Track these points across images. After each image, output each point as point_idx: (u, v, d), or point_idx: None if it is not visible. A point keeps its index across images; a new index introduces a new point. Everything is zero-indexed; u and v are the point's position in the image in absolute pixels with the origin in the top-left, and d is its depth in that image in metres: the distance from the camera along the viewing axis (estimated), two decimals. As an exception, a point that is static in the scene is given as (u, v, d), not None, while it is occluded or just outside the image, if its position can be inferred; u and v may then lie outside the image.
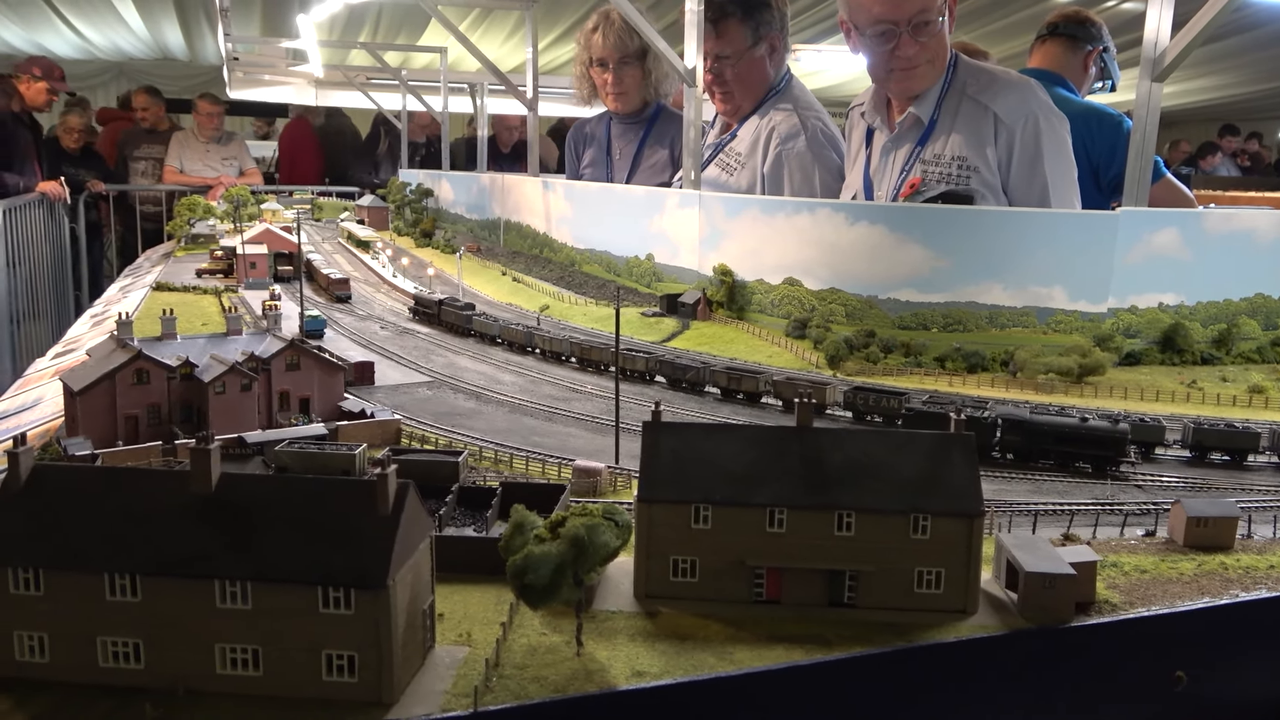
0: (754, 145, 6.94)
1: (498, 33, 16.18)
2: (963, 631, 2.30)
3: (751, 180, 6.91)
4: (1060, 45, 7.48)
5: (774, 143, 6.79)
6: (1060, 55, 7.48)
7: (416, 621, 2.05)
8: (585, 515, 2.15)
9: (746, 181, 6.94)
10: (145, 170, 15.64)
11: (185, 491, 2.02)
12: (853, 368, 4.67)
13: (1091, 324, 4.81)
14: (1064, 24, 7.48)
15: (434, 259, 8.98)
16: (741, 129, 7.16)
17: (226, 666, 1.95)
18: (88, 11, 16.57)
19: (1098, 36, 7.49)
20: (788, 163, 6.71)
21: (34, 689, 1.99)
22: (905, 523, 2.31)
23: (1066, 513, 3.05)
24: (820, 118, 6.97)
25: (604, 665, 2.11)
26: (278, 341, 3.76)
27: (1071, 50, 7.47)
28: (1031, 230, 4.83)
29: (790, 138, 6.75)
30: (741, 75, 7.06)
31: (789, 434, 2.44)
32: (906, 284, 4.84)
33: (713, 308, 5.67)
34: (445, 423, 3.93)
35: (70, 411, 3.50)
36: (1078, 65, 7.49)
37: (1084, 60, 7.49)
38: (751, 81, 7.11)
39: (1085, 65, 7.51)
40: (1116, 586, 2.54)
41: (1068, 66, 7.46)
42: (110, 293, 8.96)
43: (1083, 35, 7.44)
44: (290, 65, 15.60)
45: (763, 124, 6.95)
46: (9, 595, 1.99)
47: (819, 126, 6.85)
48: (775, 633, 2.26)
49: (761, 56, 7.06)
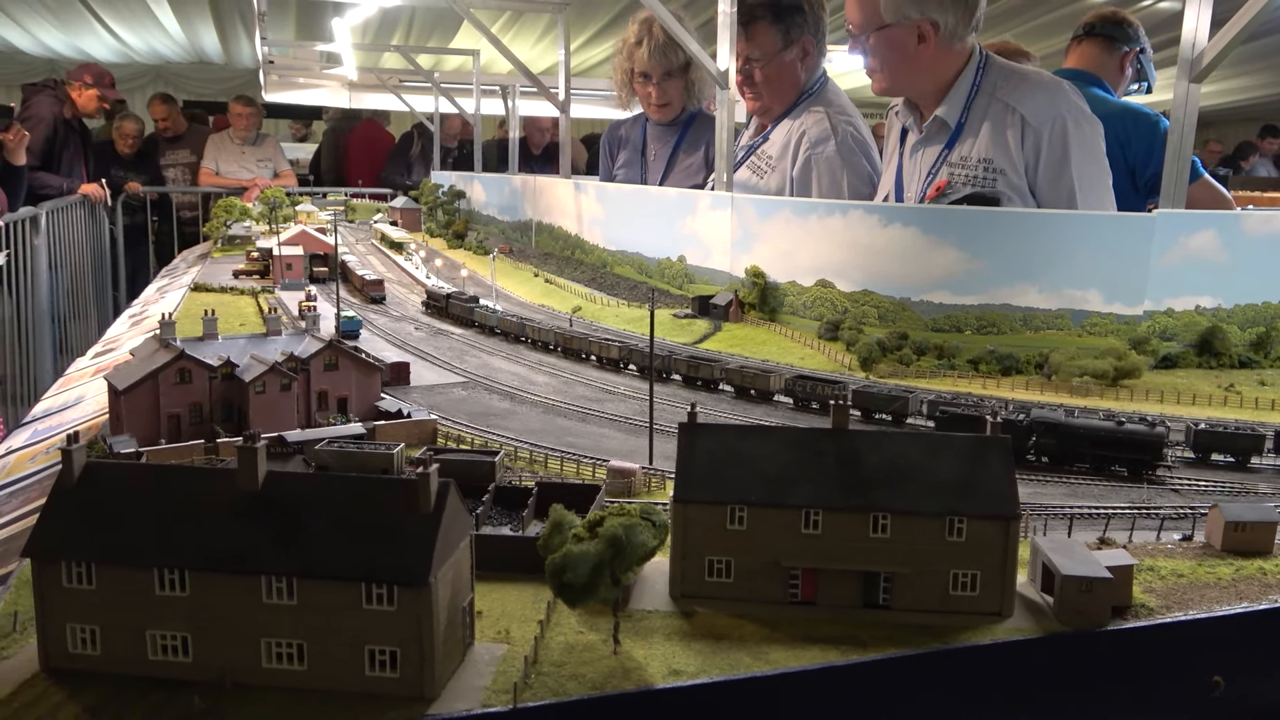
0: (784, 149, 6.95)
1: (529, 35, 16.26)
2: (998, 634, 2.30)
3: (781, 183, 6.91)
4: (1097, 46, 7.44)
5: (804, 147, 6.79)
6: (1096, 56, 7.44)
7: (457, 618, 2.08)
8: (623, 515, 2.17)
9: (776, 185, 6.94)
10: (175, 177, 15.87)
11: (232, 489, 2.07)
12: (885, 370, 4.67)
13: (1127, 327, 4.78)
14: (1101, 24, 7.44)
15: (466, 260, 9.05)
16: (773, 132, 7.16)
17: (272, 660, 1.99)
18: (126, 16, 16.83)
19: (1135, 38, 7.44)
20: (816, 167, 6.70)
21: (85, 681, 2.04)
22: (941, 525, 2.32)
23: (1102, 516, 3.04)
24: (852, 122, 6.94)
25: (641, 664, 2.13)
26: (316, 342, 3.82)
27: (1108, 51, 7.42)
28: (1067, 232, 4.81)
29: (820, 142, 6.74)
30: (770, 78, 7.05)
31: (825, 435, 2.46)
32: (940, 286, 4.83)
33: (745, 310, 5.69)
34: (480, 423, 3.97)
35: (114, 410, 3.57)
36: (1114, 66, 7.44)
37: (1120, 61, 7.45)
38: (781, 84, 7.10)
39: (1122, 66, 7.46)
40: (1153, 590, 2.53)
41: (1104, 67, 7.42)
42: (148, 293, 9.10)
43: (1120, 36, 7.39)
44: (324, 68, 15.75)
45: (794, 127, 6.95)
46: (62, 589, 2.04)
47: (850, 131, 6.82)
48: (810, 633, 2.27)
49: (792, 60, 7.06)
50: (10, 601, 2.45)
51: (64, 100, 12.20)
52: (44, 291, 10.75)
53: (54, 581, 2.04)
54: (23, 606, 2.36)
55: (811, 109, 6.97)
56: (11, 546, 3.01)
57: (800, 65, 7.10)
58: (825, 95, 7.12)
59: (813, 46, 7.13)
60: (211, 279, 7.77)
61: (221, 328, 3.95)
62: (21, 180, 9.62)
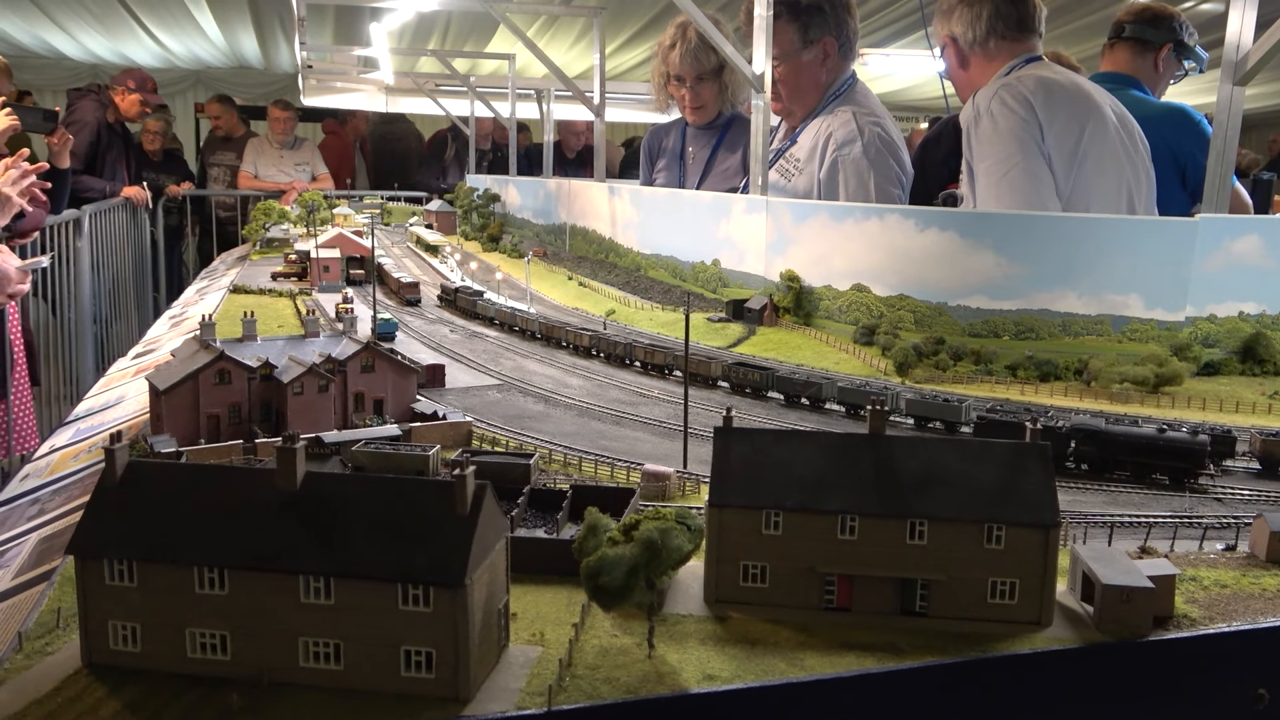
0: (812, 151, 6.90)
1: (564, 38, 16.32)
2: (1037, 643, 2.27)
3: (809, 186, 6.86)
4: (1128, 49, 7.32)
5: (830, 149, 6.73)
6: (1129, 59, 7.32)
7: (492, 620, 2.09)
8: (658, 519, 2.17)
9: (803, 187, 6.90)
10: (218, 177, 16.09)
11: (272, 488, 2.09)
12: (921, 375, 4.63)
13: (1168, 333, 4.71)
14: (1130, 25, 7.32)
15: (501, 263, 9.08)
16: (801, 134, 7.12)
17: (309, 660, 2.00)
18: (168, 22, 17.06)
19: (1166, 31, 7.29)
20: (843, 169, 6.64)
21: (126, 677, 2.07)
22: (979, 532, 2.30)
23: (1143, 525, 3.00)
24: (880, 124, 6.85)
25: (675, 668, 2.13)
26: (353, 344, 3.85)
27: (1140, 53, 7.31)
28: (1108, 237, 4.75)
29: (846, 144, 6.67)
30: (787, 78, 7.00)
31: (862, 441, 2.44)
32: (977, 291, 4.78)
33: (779, 313, 5.67)
34: (515, 425, 3.98)
35: (155, 410, 3.62)
36: (1148, 67, 7.33)
37: (1154, 60, 7.32)
38: (799, 85, 7.04)
39: (1156, 65, 7.34)
40: (1196, 601, 2.49)
41: (1139, 69, 7.30)
42: (187, 295, 9.22)
43: (1149, 36, 7.27)
44: (361, 73, 15.90)
45: (821, 130, 6.90)
46: (104, 586, 2.06)
47: (877, 133, 6.73)
48: (846, 640, 2.25)
49: (812, 61, 6.99)
50: (54, 598, 2.49)
51: (107, 105, 12.41)
52: (86, 293, 10.92)
53: (96, 578, 2.07)
54: (66, 603, 2.40)
55: (838, 111, 6.90)
56: (55, 544, 3.06)
57: (821, 67, 7.03)
58: (853, 97, 7.03)
59: (834, 48, 7.06)
60: (250, 281, 7.86)
61: (260, 329, 3.99)
62: (66, 183, 9.77)
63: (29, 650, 2.24)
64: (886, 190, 6.58)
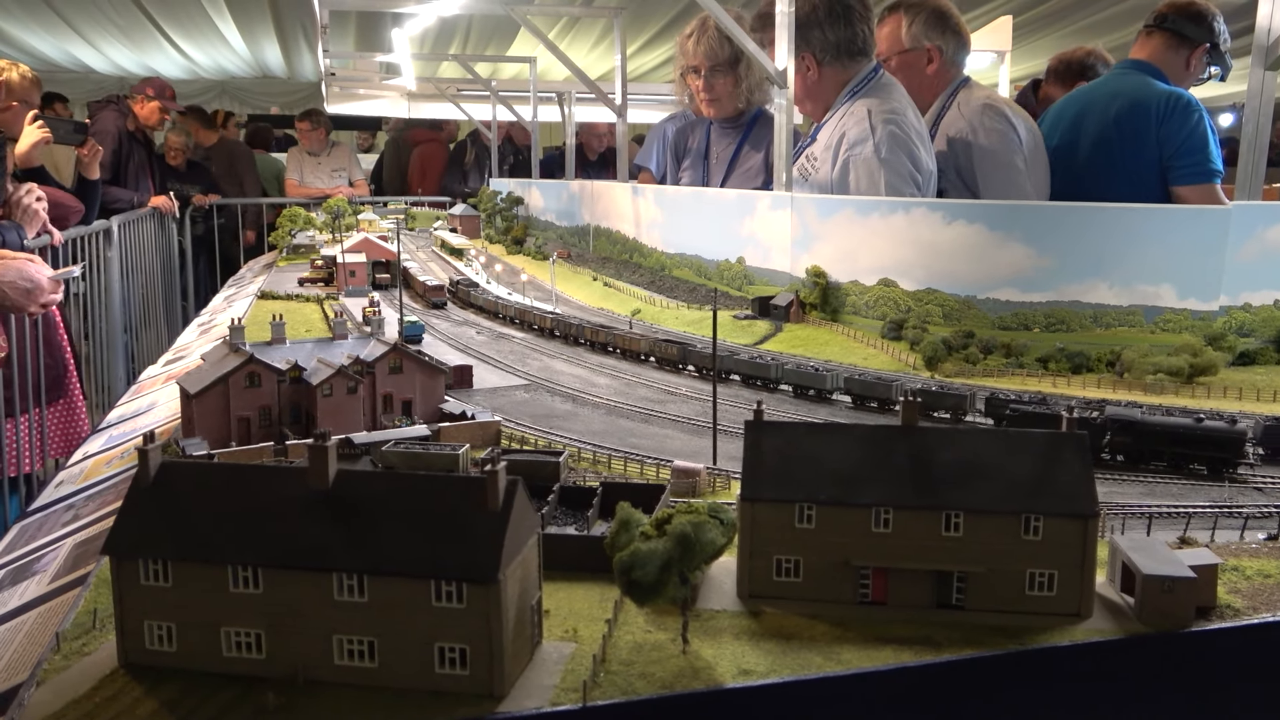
0: (826, 149, 6.82)
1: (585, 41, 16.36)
2: (1077, 636, 2.23)
3: (823, 184, 6.78)
4: (1165, 40, 7.22)
5: (842, 148, 6.64)
6: (1162, 51, 7.22)
7: (525, 617, 2.08)
8: (691, 513, 2.15)
9: (818, 186, 6.83)
10: None
11: (304, 487, 2.09)
12: (951, 369, 4.59)
13: (1202, 323, 4.64)
14: (1172, 19, 7.21)
15: (525, 265, 9.10)
16: (820, 131, 7.05)
17: (344, 657, 2.00)
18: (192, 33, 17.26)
19: (1207, 31, 7.21)
20: (854, 169, 6.54)
21: (162, 676, 2.07)
22: (1016, 523, 2.26)
23: (1182, 515, 2.95)
24: (896, 120, 6.65)
25: (710, 663, 2.11)
26: (381, 345, 3.85)
27: (1175, 48, 7.20)
28: (1140, 227, 4.69)
29: (858, 143, 6.55)
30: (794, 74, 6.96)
31: (895, 433, 2.41)
32: (1007, 283, 4.74)
33: (806, 310, 5.64)
34: (543, 424, 3.97)
35: (186, 413, 3.64)
36: (1179, 62, 7.23)
37: (1188, 58, 7.22)
38: (811, 89, 6.98)
39: (1189, 63, 7.24)
40: (1238, 591, 2.44)
41: (1168, 63, 7.20)
42: (215, 302, 9.29)
43: (1190, 32, 7.16)
44: (384, 79, 15.99)
45: (836, 128, 6.83)
46: (140, 586, 2.07)
47: (891, 129, 6.54)
48: (883, 634, 2.23)
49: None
50: (90, 600, 2.51)
51: (127, 114, 12.52)
52: (116, 302, 11.03)
53: (132, 579, 2.08)
54: (102, 604, 2.41)
55: (855, 107, 6.80)
56: (89, 548, 3.09)
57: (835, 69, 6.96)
58: (874, 90, 6.90)
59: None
60: (277, 287, 7.91)
61: (288, 333, 4.00)
62: (97, 194, 9.88)
63: (66, 651, 2.25)
64: (898, 189, 6.47)
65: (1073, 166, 6.95)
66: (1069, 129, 7.13)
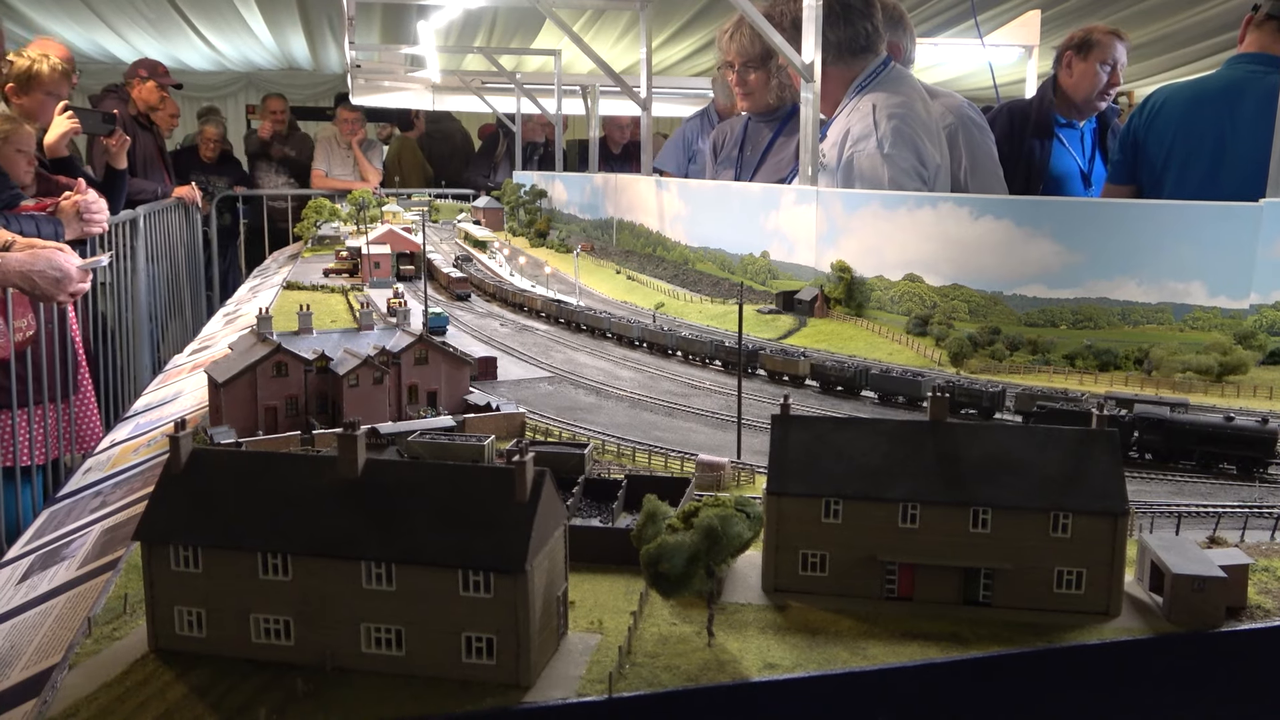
0: (833, 145, 6.77)
1: (610, 34, 16.33)
2: (1106, 634, 2.22)
3: (830, 181, 6.73)
4: (1272, 28, 7.01)
5: (847, 144, 6.59)
6: (1271, 39, 7.02)
7: (551, 607, 2.08)
8: (718, 506, 2.15)
9: (826, 181, 6.77)
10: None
11: (333, 476, 2.10)
12: (977, 365, 4.56)
13: (1232, 321, 4.59)
14: (1274, 5, 7.01)
15: (549, 258, 9.11)
16: (830, 127, 7.00)
17: (371, 645, 2.01)
18: (219, 24, 17.35)
19: None
20: (857, 165, 6.48)
21: (192, 662, 2.09)
22: (1045, 521, 2.25)
23: (1212, 515, 2.92)
24: (902, 115, 6.55)
25: (735, 656, 2.11)
26: (407, 337, 3.87)
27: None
28: (1170, 223, 4.65)
29: (861, 139, 6.47)
30: None
31: (923, 428, 2.40)
32: (1034, 280, 4.70)
33: (830, 305, 5.61)
34: (567, 417, 3.98)
35: (214, 402, 3.67)
36: None
37: None
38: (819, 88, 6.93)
39: None
40: (1269, 592, 2.42)
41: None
42: (241, 293, 9.36)
43: None
44: (409, 71, 16.02)
45: (842, 123, 6.78)
46: (170, 572, 2.09)
47: (895, 125, 6.42)
48: (909, 630, 2.22)
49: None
50: (120, 585, 2.54)
51: (127, 99, 12.55)
52: (143, 291, 11.12)
53: (163, 564, 2.10)
54: (132, 590, 2.44)
55: (861, 102, 6.73)
56: (118, 534, 3.12)
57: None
58: (882, 84, 6.80)
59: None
60: (303, 278, 7.95)
61: (314, 324, 4.02)
62: (124, 184, 9.96)
63: (98, 635, 2.28)
64: (902, 185, 6.38)
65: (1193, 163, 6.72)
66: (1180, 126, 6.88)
